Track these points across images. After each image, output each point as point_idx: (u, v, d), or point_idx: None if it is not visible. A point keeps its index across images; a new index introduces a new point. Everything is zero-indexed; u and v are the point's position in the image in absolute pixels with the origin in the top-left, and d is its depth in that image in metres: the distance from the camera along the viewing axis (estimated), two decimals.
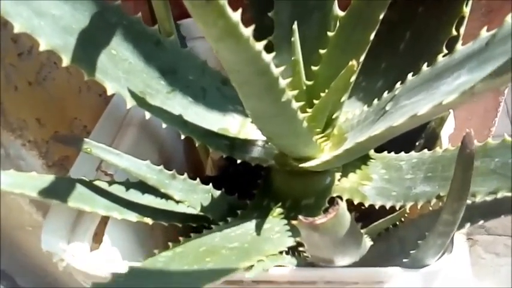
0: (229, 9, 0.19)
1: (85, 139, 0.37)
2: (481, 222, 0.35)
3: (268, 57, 0.24)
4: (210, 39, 0.21)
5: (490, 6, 0.51)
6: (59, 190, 0.36)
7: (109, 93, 0.34)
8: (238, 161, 0.41)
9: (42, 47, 0.29)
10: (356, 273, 0.35)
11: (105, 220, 0.44)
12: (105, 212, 0.38)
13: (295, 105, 0.30)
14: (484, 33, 0.26)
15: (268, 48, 0.24)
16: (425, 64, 0.32)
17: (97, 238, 0.43)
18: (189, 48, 0.41)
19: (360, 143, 0.32)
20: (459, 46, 0.28)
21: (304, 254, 0.35)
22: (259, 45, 0.22)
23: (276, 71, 0.25)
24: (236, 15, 0.20)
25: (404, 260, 0.36)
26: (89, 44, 0.32)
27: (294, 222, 0.29)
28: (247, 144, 0.43)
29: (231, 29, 0.19)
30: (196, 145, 0.41)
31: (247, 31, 0.21)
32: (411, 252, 0.35)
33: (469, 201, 0.31)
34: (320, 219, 0.27)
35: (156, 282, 0.30)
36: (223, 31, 0.19)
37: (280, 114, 0.31)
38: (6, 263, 0.51)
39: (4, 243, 0.49)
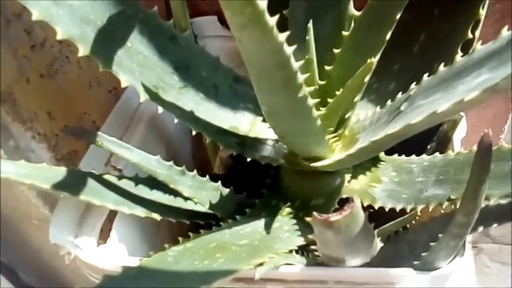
0: None
1: (98, 132, 0.37)
2: (495, 225, 0.34)
3: (289, 50, 0.24)
4: (235, 27, 0.20)
5: (504, 12, 0.51)
6: (69, 183, 0.36)
7: (123, 85, 0.34)
8: (248, 160, 0.41)
9: (59, 36, 0.29)
10: (367, 274, 0.35)
11: (110, 217, 0.43)
12: (114, 206, 0.38)
13: (311, 101, 0.30)
14: (505, 33, 0.26)
15: None
16: (442, 64, 0.32)
17: (102, 235, 0.42)
18: (202, 45, 0.41)
19: (375, 141, 0.31)
20: (478, 46, 0.28)
21: (315, 254, 0.35)
22: (282, 36, 0.22)
23: (296, 64, 0.25)
24: (263, 4, 0.19)
25: (415, 263, 0.35)
26: (105, 35, 0.32)
27: (307, 219, 0.29)
28: (258, 142, 0.43)
29: (257, 17, 0.19)
30: (206, 142, 0.41)
31: (272, 20, 0.20)
32: (423, 254, 0.34)
33: (482, 205, 0.30)
34: (334, 217, 0.27)
35: (167, 277, 0.29)
36: (249, 18, 0.19)
37: (296, 110, 0.31)
38: (10, 257, 0.51)
39: (10, 236, 0.48)
